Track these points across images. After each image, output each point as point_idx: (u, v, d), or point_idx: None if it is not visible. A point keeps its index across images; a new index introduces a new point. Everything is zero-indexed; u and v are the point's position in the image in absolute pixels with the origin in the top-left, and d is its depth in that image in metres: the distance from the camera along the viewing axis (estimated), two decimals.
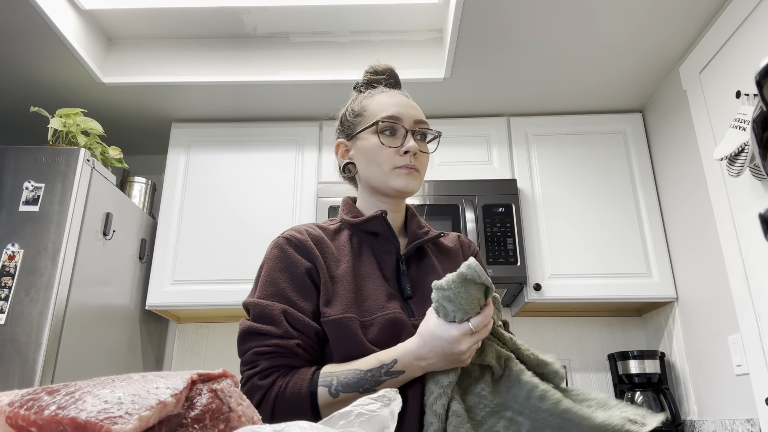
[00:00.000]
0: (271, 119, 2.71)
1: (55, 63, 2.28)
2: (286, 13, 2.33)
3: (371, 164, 1.02)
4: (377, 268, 0.98)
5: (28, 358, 1.77)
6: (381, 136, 1.01)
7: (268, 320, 0.90)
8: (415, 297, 0.97)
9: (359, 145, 1.05)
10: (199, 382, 0.43)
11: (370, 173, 1.03)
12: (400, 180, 1.00)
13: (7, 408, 0.37)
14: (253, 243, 2.46)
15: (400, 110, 1.03)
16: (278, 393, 0.85)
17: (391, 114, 1.02)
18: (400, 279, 0.98)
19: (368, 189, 1.06)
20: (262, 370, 0.87)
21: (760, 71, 0.74)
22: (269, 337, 0.88)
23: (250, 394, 0.85)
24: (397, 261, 1.00)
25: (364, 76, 1.14)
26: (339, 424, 0.39)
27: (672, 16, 2.04)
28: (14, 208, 1.92)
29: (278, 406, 0.84)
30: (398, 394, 0.43)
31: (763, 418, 1.77)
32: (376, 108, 1.04)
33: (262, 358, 0.88)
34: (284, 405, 0.84)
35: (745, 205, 1.85)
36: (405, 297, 0.96)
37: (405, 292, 0.97)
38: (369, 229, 1.02)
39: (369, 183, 1.04)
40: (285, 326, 0.89)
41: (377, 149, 1.01)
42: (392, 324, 0.90)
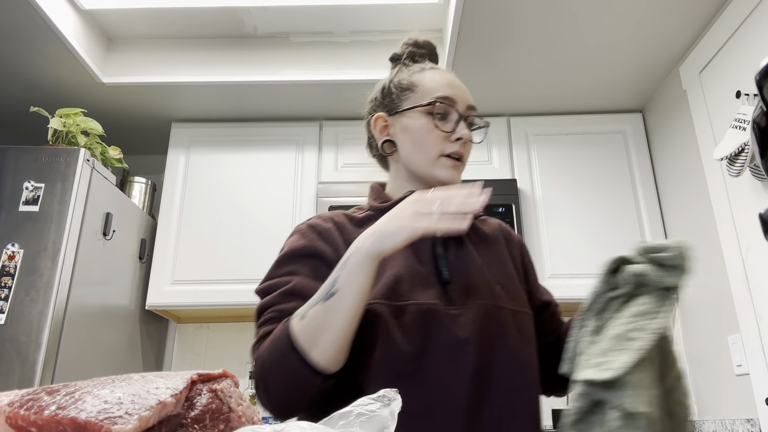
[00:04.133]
0: (271, 119, 2.71)
1: (55, 63, 2.28)
2: (286, 13, 2.33)
3: (417, 147, 0.93)
4: (411, 252, 0.89)
5: (28, 358, 1.77)
6: (434, 118, 0.92)
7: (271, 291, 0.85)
8: (454, 282, 0.87)
9: (404, 124, 0.95)
10: (199, 382, 0.43)
11: (413, 156, 0.94)
12: (446, 172, 0.92)
13: (7, 408, 0.37)
14: (253, 243, 2.46)
15: (455, 92, 0.94)
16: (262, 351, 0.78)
17: (447, 95, 0.93)
18: (437, 263, 0.89)
19: (406, 173, 0.97)
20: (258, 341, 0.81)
21: (760, 71, 0.74)
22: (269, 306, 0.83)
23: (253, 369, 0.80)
24: (433, 244, 0.90)
25: (403, 47, 1.05)
26: (339, 424, 0.39)
27: (672, 16, 2.04)
28: (14, 208, 1.92)
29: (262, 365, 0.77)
30: (398, 395, 0.43)
31: (763, 418, 1.77)
32: (429, 85, 0.95)
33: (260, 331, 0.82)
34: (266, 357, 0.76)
35: (745, 205, 1.85)
36: (443, 281, 0.87)
37: (443, 276, 0.87)
38: None
39: (410, 167, 0.95)
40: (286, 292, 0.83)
41: (426, 132, 0.92)
42: (424, 315, 0.82)
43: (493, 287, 0.88)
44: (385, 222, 0.77)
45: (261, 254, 2.44)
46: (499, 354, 0.83)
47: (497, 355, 0.82)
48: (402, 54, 1.05)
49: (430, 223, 0.73)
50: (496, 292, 0.88)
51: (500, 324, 0.85)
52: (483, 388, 0.79)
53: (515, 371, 0.83)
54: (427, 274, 0.87)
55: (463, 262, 0.90)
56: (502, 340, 0.84)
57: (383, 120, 0.98)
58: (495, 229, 1.01)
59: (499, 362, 0.82)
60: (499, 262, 0.94)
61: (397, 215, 0.76)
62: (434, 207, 0.74)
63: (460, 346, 0.80)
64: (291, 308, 0.80)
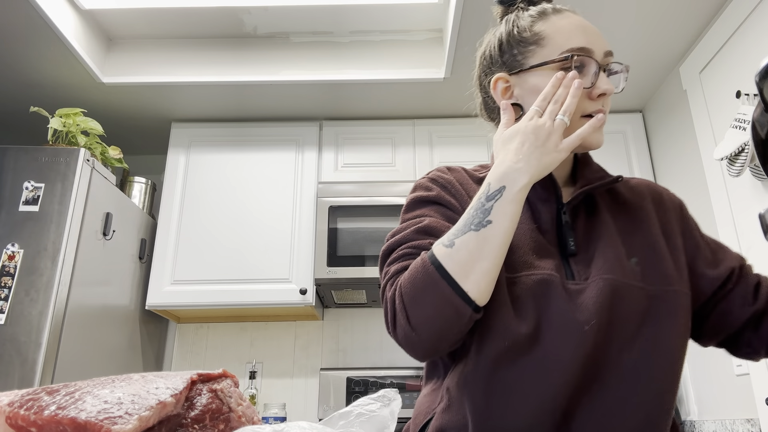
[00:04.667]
0: (271, 119, 2.71)
1: (55, 63, 2.28)
2: (286, 13, 2.33)
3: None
4: (530, 218, 0.81)
5: (28, 358, 1.77)
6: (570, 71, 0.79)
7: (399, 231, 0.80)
8: (579, 255, 0.78)
9: (534, 83, 0.81)
10: (199, 383, 0.43)
11: None
12: (589, 133, 0.77)
13: (7, 408, 0.37)
14: (253, 243, 2.46)
15: (590, 39, 0.81)
16: (400, 285, 0.73)
17: (583, 45, 0.80)
18: (563, 232, 0.80)
19: None
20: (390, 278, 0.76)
21: (760, 72, 0.74)
22: (401, 243, 0.78)
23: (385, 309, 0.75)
24: (558, 211, 0.81)
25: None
26: (339, 424, 0.39)
27: (672, 16, 2.04)
28: (14, 208, 1.92)
29: (403, 296, 0.71)
30: (398, 395, 0.43)
31: (763, 418, 1.77)
32: (558, 36, 0.81)
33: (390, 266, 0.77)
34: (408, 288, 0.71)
35: (745, 205, 1.85)
36: (567, 254, 0.78)
37: (568, 247, 0.78)
38: None
39: None
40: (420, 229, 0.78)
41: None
42: (537, 286, 0.73)
43: (625, 262, 0.76)
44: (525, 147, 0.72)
45: (261, 254, 2.44)
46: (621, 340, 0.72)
47: (618, 340, 0.72)
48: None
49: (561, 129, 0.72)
50: (629, 267, 0.76)
51: (629, 304, 0.73)
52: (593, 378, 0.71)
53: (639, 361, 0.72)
54: (546, 243, 0.78)
55: (593, 231, 0.80)
56: (627, 323, 0.72)
57: (504, 81, 0.85)
58: (640, 193, 0.88)
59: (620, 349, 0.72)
60: (639, 232, 0.81)
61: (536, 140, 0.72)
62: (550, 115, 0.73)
63: (575, 325, 0.71)
64: (426, 244, 0.76)
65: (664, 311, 0.74)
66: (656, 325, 0.73)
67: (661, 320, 0.74)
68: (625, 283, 0.74)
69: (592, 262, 0.76)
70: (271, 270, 2.41)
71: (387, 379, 2.47)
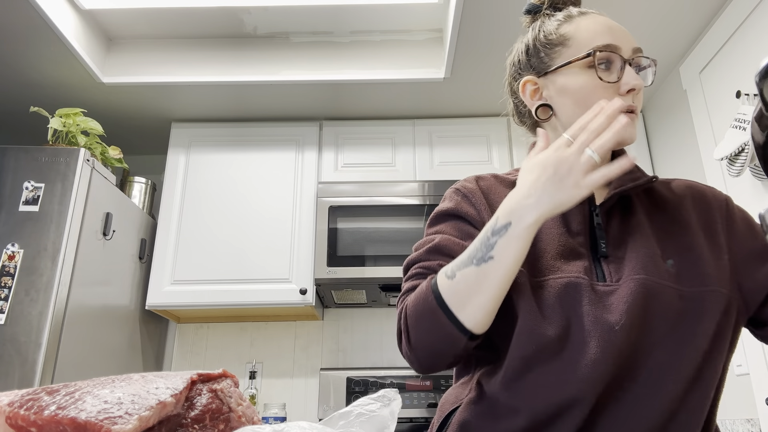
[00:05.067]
0: (271, 119, 2.71)
1: (55, 63, 2.28)
2: (286, 13, 2.33)
3: (582, 109, 0.79)
4: (560, 221, 0.81)
5: (28, 358, 1.77)
6: (597, 70, 0.79)
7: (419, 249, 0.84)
8: (611, 256, 0.77)
9: (561, 84, 0.82)
10: (199, 383, 0.43)
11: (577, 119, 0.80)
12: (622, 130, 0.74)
13: (7, 408, 0.37)
14: (253, 243, 2.46)
15: (615, 37, 0.81)
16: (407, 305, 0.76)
17: (608, 42, 0.80)
18: (594, 234, 0.79)
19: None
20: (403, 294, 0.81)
21: (759, 72, 0.74)
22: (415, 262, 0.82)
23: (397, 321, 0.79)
24: (590, 212, 0.81)
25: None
26: (339, 424, 0.39)
27: (672, 16, 2.04)
28: (14, 208, 1.92)
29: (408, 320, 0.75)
30: (398, 395, 0.43)
31: (763, 418, 1.77)
32: (584, 35, 0.82)
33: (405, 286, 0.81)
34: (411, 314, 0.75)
35: (745, 205, 1.85)
36: (599, 255, 0.77)
37: (599, 249, 0.77)
38: None
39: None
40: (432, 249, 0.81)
41: (591, 89, 0.79)
42: (564, 289, 0.73)
43: (659, 262, 0.75)
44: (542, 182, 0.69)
45: (261, 254, 2.44)
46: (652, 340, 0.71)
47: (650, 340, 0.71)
48: (541, 4, 0.90)
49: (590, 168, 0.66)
50: (664, 268, 0.75)
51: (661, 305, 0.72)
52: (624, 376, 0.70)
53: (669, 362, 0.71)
54: (575, 245, 0.78)
55: (628, 232, 0.79)
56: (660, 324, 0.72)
57: (533, 83, 0.87)
58: (680, 193, 0.86)
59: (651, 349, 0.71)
60: (677, 233, 0.80)
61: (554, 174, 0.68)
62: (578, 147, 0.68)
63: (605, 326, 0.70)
64: (435, 265, 0.79)
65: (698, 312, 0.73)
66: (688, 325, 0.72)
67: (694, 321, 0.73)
68: (658, 283, 0.73)
69: (624, 263, 0.76)
70: (271, 270, 2.41)
71: (387, 379, 2.47)
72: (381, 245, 2.36)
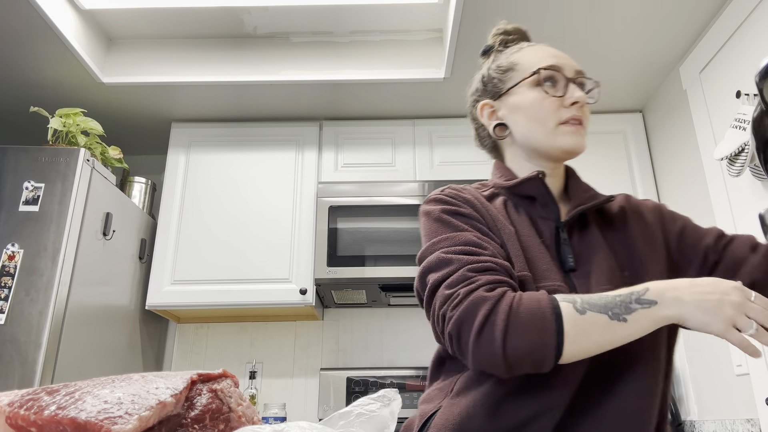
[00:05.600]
0: (271, 119, 2.71)
1: (55, 63, 2.28)
2: (286, 13, 2.33)
3: (533, 122, 0.90)
4: (536, 234, 0.87)
5: (28, 358, 1.77)
6: (543, 85, 0.90)
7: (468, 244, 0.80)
8: (578, 270, 0.84)
9: (513, 102, 0.93)
10: (199, 383, 0.43)
11: (530, 132, 0.91)
12: (569, 138, 0.88)
13: (7, 408, 0.37)
14: (252, 243, 2.46)
15: (558, 60, 0.92)
16: (512, 304, 0.73)
17: (551, 63, 0.91)
18: (561, 249, 0.86)
19: (524, 152, 0.94)
20: (485, 283, 0.75)
21: (759, 72, 0.74)
22: (479, 254, 0.79)
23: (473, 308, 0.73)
24: (557, 229, 0.88)
25: (493, 38, 1.03)
26: (339, 424, 0.39)
27: (672, 16, 2.04)
28: (14, 208, 1.92)
29: (513, 317, 0.72)
30: (398, 395, 0.43)
31: (763, 418, 1.77)
32: (530, 59, 0.93)
33: (479, 274, 0.77)
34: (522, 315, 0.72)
35: (745, 205, 1.85)
36: (567, 269, 0.84)
37: (567, 263, 0.85)
38: (525, 192, 0.91)
39: (529, 144, 0.92)
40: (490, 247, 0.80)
41: (539, 103, 0.89)
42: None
43: (618, 273, 0.84)
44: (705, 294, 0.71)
45: (261, 254, 2.44)
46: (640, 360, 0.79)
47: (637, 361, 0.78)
48: (493, 44, 1.02)
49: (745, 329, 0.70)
50: (622, 279, 0.83)
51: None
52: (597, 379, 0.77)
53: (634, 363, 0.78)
54: (550, 258, 0.84)
55: (588, 248, 0.86)
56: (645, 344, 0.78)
57: (489, 106, 0.97)
58: (621, 207, 0.95)
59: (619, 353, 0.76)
60: (627, 246, 0.89)
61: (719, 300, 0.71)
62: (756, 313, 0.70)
63: None
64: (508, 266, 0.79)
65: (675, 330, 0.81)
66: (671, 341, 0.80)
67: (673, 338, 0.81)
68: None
69: (590, 276, 0.82)
70: (271, 270, 2.41)
71: (387, 379, 2.47)
72: (381, 245, 2.36)
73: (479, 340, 0.72)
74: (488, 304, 0.73)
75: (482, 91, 0.99)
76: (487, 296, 0.74)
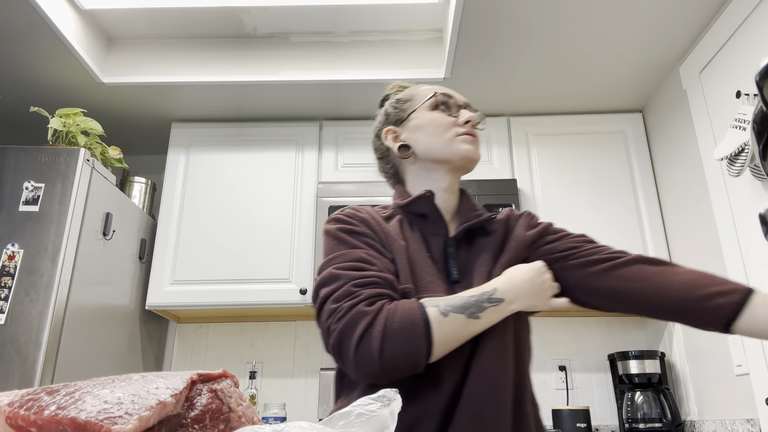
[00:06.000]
0: (271, 119, 2.71)
1: (55, 63, 2.28)
2: (286, 13, 2.33)
3: (433, 134, 1.02)
4: (425, 249, 0.97)
5: (28, 358, 1.77)
6: (439, 107, 1.04)
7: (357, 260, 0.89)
8: (462, 282, 0.95)
9: (414, 125, 1.05)
10: (199, 383, 0.43)
11: (432, 144, 1.02)
12: (466, 145, 1.01)
13: (6, 408, 0.37)
14: (252, 243, 2.46)
15: (449, 91, 1.07)
16: (388, 316, 0.82)
17: (444, 92, 1.06)
18: (447, 262, 0.97)
19: (425, 167, 1.04)
20: (367, 297, 0.85)
21: (760, 72, 0.74)
22: (366, 270, 0.88)
23: (353, 322, 0.82)
24: (445, 243, 0.98)
25: (389, 89, 1.18)
26: (339, 424, 0.39)
27: (672, 16, 2.04)
28: (14, 208, 1.92)
29: (389, 329, 0.81)
30: (398, 395, 0.43)
31: (763, 418, 1.77)
32: (425, 90, 1.07)
33: (362, 288, 0.86)
34: (395, 326, 0.82)
35: (745, 205, 1.85)
36: (451, 281, 0.95)
37: (451, 275, 0.95)
38: (417, 210, 1.01)
39: (431, 155, 1.02)
40: (378, 263, 0.89)
41: (436, 120, 1.02)
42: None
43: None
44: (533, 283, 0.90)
45: (261, 254, 2.44)
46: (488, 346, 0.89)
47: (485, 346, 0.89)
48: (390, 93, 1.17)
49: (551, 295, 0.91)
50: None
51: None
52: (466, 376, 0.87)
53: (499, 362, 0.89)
54: (436, 271, 0.94)
55: (473, 261, 0.97)
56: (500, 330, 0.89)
57: (392, 131, 1.07)
58: (501, 224, 1.06)
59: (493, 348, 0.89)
60: (504, 257, 0.98)
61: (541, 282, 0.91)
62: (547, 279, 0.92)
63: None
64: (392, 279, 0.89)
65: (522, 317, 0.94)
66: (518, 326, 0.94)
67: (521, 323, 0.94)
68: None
69: (472, 287, 0.92)
70: (271, 270, 2.41)
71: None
72: None
73: (358, 351, 0.81)
74: (367, 318, 0.82)
75: (385, 122, 1.11)
76: (367, 311, 0.83)
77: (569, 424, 2.21)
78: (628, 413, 2.29)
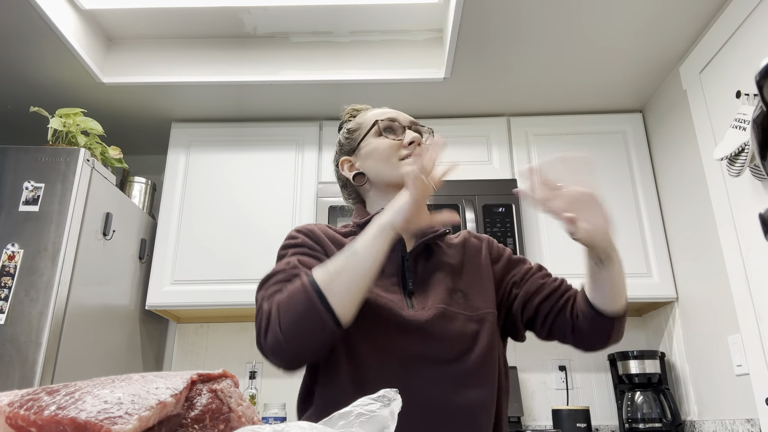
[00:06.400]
0: (271, 119, 2.71)
1: (55, 63, 2.28)
2: (286, 13, 2.33)
3: (381, 161, 1.07)
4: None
5: (28, 358, 1.77)
6: (384, 133, 1.10)
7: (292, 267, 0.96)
8: (417, 292, 1.00)
9: (364, 153, 1.11)
10: (199, 383, 0.43)
11: (381, 170, 1.08)
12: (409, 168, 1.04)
13: (7, 408, 0.37)
14: (253, 243, 2.46)
15: (392, 114, 1.13)
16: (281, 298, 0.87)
17: (387, 117, 1.11)
18: (404, 274, 1.02)
19: (381, 189, 1.10)
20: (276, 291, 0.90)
21: (760, 72, 0.74)
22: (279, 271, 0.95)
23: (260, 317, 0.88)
24: (403, 257, 1.04)
25: (344, 115, 1.22)
26: (339, 424, 0.39)
27: (672, 16, 2.04)
28: (14, 208, 1.92)
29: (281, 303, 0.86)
30: (398, 395, 0.43)
31: (763, 418, 1.77)
32: (370, 118, 1.13)
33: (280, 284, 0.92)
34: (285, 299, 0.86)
35: (745, 205, 1.85)
36: (407, 291, 1.00)
37: (408, 286, 1.00)
38: None
39: (382, 180, 1.08)
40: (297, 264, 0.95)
41: (382, 146, 1.08)
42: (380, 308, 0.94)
43: (452, 294, 1.00)
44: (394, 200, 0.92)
45: (261, 254, 2.44)
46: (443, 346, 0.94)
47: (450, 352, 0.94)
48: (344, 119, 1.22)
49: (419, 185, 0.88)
50: (455, 299, 1.00)
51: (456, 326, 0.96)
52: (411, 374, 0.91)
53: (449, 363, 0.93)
54: (390, 284, 1.00)
55: (430, 273, 1.03)
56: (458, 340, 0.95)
57: (348, 161, 1.14)
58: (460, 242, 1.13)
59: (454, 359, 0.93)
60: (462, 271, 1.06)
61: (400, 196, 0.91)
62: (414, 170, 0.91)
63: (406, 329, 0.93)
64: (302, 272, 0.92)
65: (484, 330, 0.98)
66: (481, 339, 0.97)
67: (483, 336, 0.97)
68: (451, 311, 0.98)
69: (429, 296, 0.99)
70: None
71: None
72: None
73: (266, 340, 0.86)
74: (264, 311, 0.87)
75: (340, 152, 1.17)
76: (271, 302, 0.88)
77: (569, 424, 2.21)
78: (628, 413, 2.29)
